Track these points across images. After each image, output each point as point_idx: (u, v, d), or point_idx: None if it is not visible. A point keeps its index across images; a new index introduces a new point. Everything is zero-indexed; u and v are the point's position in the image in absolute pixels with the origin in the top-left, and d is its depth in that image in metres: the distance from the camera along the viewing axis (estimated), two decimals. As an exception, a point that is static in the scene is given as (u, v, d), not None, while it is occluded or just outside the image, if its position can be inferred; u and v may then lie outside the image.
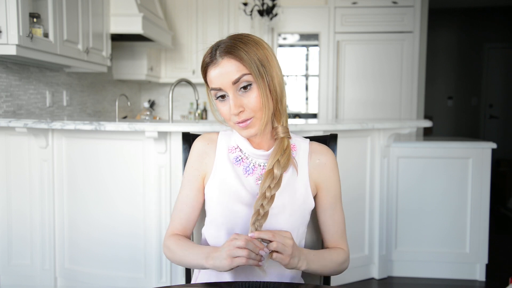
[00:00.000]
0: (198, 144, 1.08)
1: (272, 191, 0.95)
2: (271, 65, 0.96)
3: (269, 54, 0.96)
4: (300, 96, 5.39)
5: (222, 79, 0.93)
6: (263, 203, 0.94)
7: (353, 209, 2.59)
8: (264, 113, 0.95)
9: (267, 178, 0.96)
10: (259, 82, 0.93)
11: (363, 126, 2.39)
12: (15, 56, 2.31)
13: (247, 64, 0.92)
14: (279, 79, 0.97)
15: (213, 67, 0.95)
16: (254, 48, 0.94)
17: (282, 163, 0.97)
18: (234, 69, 0.93)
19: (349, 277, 2.61)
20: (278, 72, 0.98)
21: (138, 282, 2.28)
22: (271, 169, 0.96)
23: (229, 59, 0.93)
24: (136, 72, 4.26)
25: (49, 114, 3.08)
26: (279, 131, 1.00)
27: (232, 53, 0.93)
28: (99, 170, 2.30)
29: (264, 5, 4.11)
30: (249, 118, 0.95)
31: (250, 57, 0.92)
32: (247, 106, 0.94)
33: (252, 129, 0.96)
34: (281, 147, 0.99)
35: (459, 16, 6.38)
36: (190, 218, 1.08)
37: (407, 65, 4.36)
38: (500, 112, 6.45)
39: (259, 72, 0.93)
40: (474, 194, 2.66)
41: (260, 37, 1.00)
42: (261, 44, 0.96)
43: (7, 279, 2.42)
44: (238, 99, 0.94)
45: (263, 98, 0.94)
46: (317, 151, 1.06)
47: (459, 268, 2.71)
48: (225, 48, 0.94)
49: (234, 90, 0.94)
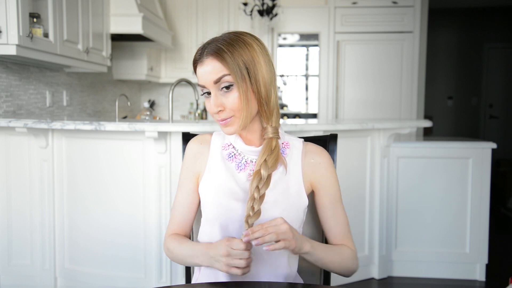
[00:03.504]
0: (191, 145, 1.11)
1: (261, 191, 0.97)
2: (257, 68, 0.97)
3: (256, 56, 0.97)
4: (300, 96, 5.39)
5: (206, 77, 0.97)
6: (253, 203, 0.97)
7: (353, 209, 2.59)
8: (243, 113, 0.97)
9: (255, 179, 0.98)
10: (240, 84, 0.95)
11: (363, 126, 2.39)
12: (15, 56, 2.31)
13: (229, 66, 0.95)
14: (265, 81, 0.98)
15: (200, 64, 0.98)
16: (240, 50, 0.96)
17: (269, 163, 0.98)
18: (216, 69, 0.96)
19: (349, 277, 2.61)
20: (266, 74, 0.99)
21: (138, 282, 2.28)
22: (258, 170, 0.99)
23: (212, 59, 0.96)
24: (136, 72, 4.26)
25: (49, 114, 3.08)
26: (268, 132, 1.02)
27: (216, 54, 0.96)
28: (99, 170, 2.30)
29: (264, 5, 4.11)
30: (229, 117, 0.98)
31: (233, 58, 0.95)
32: (226, 106, 0.97)
33: (231, 127, 0.99)
34: (268, 147, 1.01)
35: (459, 16, 6.38)
36: (187, 218, 1.11)
37: (407, 65, 4.36)
38: (500, 112, 6.45)
39: (241, 74, 0.95)
40: (474, 194, 2.66)
41: (257, 37, 1.02)
42: (250, 46, 0.97)
43: (7, 279, 2.42)
44: (219, 99, 0.97)
45: (243, 99, 0.96)
46: (312, 151, 1.08)
47: (459, 268, 2.71)
48: (211, 48, 0.97)
49: (216, 89, 0.97)
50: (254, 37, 1.01)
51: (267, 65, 0.99)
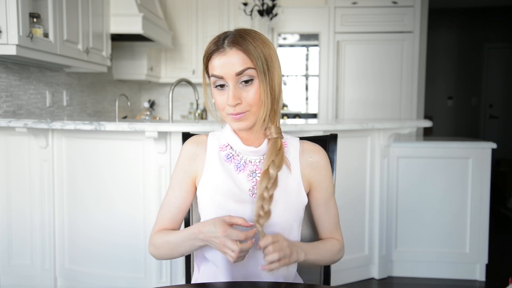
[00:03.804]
0: (187, 146, 1.09)
1: (270, 191, 0.97)
2: (274, 66, 0.97)
3: (273, 54, 0.98)
4: (300, 96, 5.39)
5: (227, 69, 0.94)
6: (263, 203, 0.96)
7: (353, 209, 2.59)
8: (261, 109, 0.96)
9: (264, 179, 0.97)
10: (262, 78, 0.94)
11: (363, 126, 2.39)
12: (15, 56, 2.31)
13: (254, 59, 0.93)
14: (279, 81, 0.99)
15: (219, 55, 0.95)
16: (261, 45, 0.95)
17: (277, 163, 0.98)
18: (240, 61, 0.93)
19: (349, 277, 2.61)
20: (279, 73, 0.99)
21: (138, 282, 2.28)
22: (267, 170, 0.98)
23: (237, 50, 0.94)
24: (136, 72, 4.26)
25: (49, 114, 3.08)
26: (273, 132, 1.01)
27: (241, 45, 0.93)
28: (99, 170, 2.30)
29: (264, 5, 4.11)
30: (244, 112, 0.96)
31: (257, 52, 0.94)
32: (245, 100, 0.95)
33: (244, 122, 0.97)
34: (275, 148, 1.00)
35: (459, 16, 6.38)
36: (176, 219, 1.08)
37: (407, 65, 4.36)
38: (500, 112, 6.45)
39: (263, 68, 0.94)
40: (474, 194, 2.66)
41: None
42: (268, 43, 0.98)
43: (7, 279, 2.42)
44: (238, 91, 0.95)
45: (263, 94, 0.95)
46: (309, 150, 1.08)
47: (459, 268, 2.71)
48: (234, 39, 0.94)
49: (235, 81, 0.95)
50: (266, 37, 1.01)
51: (279, 64, 1.00)
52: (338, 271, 2.52)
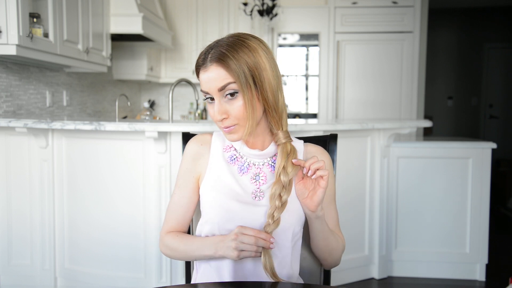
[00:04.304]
0: (191, 145, 1.09)
1: (283, 198, 0.96)
2: (263, 74, 0.95)
3: (262, 62, 0.95)
4: (300, 96, 5.39)
5: (210, 84, 0.95)
6: (274, 212, 0.96)
7: (353, 209, 2.59)
8: (248, 122, 0.95)
9: (276, 187, 0.97)
10: (245, 92, 0.93)
11: (363, 126, 2.39)
12: (15, 56, 2.31)
13: (234, 73, 0.92)
14: (272, 87, 0.96)
15: (203, 70, 0.96)
16: (245, 56, 0.93)
17: (288, 169, 0.98)
18: (221, 76, 0.93)
19: (349, 277, 2.61)
20: (273, 79, 0.97)
21: (138, 282, 2.28)
22: (279, 178, 0.97)
23: (217, 66, 0.93)
24: (136, 72, 4.26)
25: (49, 114, 3.08)
26: (280, 137, 1.01)
27: (221, 61, 0.93)
28: (99, 170, 2.30)
29: (264, 5, 4.11)
30: (233, 125, 0.96)
31: (239, 65, 0.92)
32: (230, 114, 0.95)
33: (235, 135, 0.97)
34: (284, 153, 1.00)
35: (459, 16, 6.38)
36: (185, 218, 1.09)
37: (407, 65, 4.36)
38: (500, 112, 6.45)
39: (246, 81, 0.93)
40: (474, 194, 2.66)
41: (261, 40, 0.99)
42: (255, 51, 0.95)
43: (7, 279, 2.42)
44: (223, 106, 0.95)
45: (248, 107, 0.94)
46: (313, 152, 1.08)
47: (459, 268, 2.71)
48: (215, 53, 0.94)
49: (220, 96, 0.95)
50: (259, 40, 0.98)
51: (273, 70, 0.97)
52: (338, 271, 2.52)
